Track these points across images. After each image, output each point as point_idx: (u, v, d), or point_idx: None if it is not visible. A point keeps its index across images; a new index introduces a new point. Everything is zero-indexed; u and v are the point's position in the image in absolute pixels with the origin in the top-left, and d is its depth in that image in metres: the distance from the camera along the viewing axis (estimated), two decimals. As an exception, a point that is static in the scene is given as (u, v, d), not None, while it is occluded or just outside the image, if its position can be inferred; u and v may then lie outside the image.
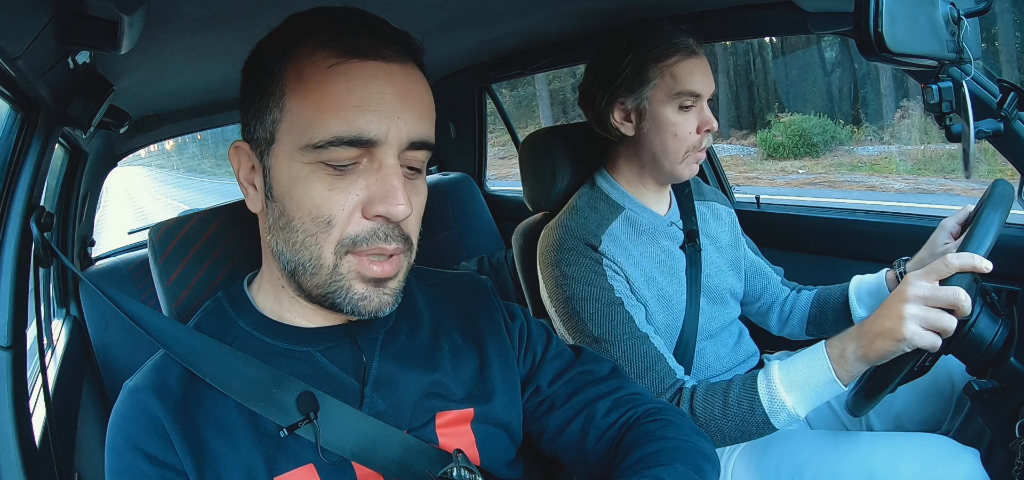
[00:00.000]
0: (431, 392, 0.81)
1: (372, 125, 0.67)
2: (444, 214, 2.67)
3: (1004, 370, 1.00)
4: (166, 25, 1.05)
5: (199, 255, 0.93)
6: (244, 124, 0.75)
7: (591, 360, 0.92)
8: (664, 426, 0.81)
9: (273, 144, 0.71)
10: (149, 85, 1.56)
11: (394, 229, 0.71)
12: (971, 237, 0.98)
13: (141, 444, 0.70)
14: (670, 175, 1.29)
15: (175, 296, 0.92)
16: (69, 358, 1.76)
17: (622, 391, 0.88)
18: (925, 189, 8.72)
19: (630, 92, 1.25)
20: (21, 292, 0.94)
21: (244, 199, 0.78)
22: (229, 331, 0.79)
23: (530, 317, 0.95)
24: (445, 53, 2.17)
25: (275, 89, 0.70)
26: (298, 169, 0.69)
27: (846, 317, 1.36)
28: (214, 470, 0.70)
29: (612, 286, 1.20)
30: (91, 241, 2.43)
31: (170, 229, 0.94)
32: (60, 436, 1.12)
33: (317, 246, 0.70)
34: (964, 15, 0.93)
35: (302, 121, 0.68)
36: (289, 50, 0.70)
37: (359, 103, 0.67)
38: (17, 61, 0.80)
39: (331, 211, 0.69)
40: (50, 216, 0.97)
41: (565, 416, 0.87)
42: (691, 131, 1.24)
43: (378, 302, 0.73)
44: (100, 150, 2.23)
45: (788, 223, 1.89)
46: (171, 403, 0.72)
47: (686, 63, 1.23)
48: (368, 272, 0.71)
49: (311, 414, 0.72)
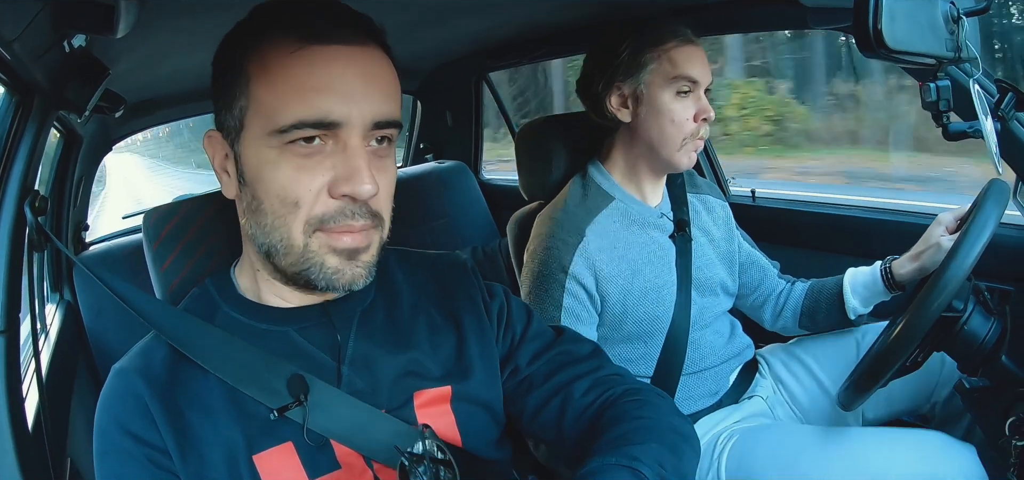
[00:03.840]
0: (408, 371, 0.83)
1: (335, 107, 0.69)
2: (439, 202, 2.66)
3: (995, 369, 1.01)
4: (163, 9, 1.04)
5: (194, 241, 0.93)
6: (216, 114, 0.78)
7: (571, 340, 0.93)
8: (641, 406, 0.81)
9: (242, 131, 0.74)
10: (145, 70, 1.55)
11: (361, 207, 0.73)
12: (966, 234, 0.99)
13: (126, 424, 0.73)
14: (667, 164, 1.29)
15: (169, 282, 0.92)
16: (62, 343, 1.76)
17: (601, 371, 0.88)
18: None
19: (627, 76, 1.25)
20: (15, 277, 0.93)
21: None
22: (214, 315, 0.81)
23: (511, 296, 0.95)
24: (442, 41, 2.16)
25: (240, 78, 0.72)
26: (266, 153, 0.72)
27: (840, 309, 1.37)
28: (195, 448, 0.73)
29: (562, 303, 1.24)
30: (85, 226, 2.42)
31: (164, 214, 0.94)
32: (53, 421, 1.11)
33: (286, 227, 0.73)
34: (963, 14, 0.93)
35: (267, 107, 0.71)
36: (253, 41, 0.72)
37: (321, 86, 0.69)
38: (12, 44, 0.79)
39: (298, 193, 0.71)
40: (45, 200, 0.96)
41: (543, 396, 0.87)
42: (688, 118, 1.24)
43: (351, 275, 0.75)
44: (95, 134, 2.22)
45: (783, 217, 1.90)
46: (156, 385, 0.75)
47: (684, 49, 1.23)
48: (338, 244, 0.73)
49: (301, 396, 0.75)
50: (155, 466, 0.73)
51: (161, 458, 0.73)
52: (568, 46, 2.09)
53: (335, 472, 0.77)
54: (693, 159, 1.29)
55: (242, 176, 0.76)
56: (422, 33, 1.92)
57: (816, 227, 1.81)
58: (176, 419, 0.74)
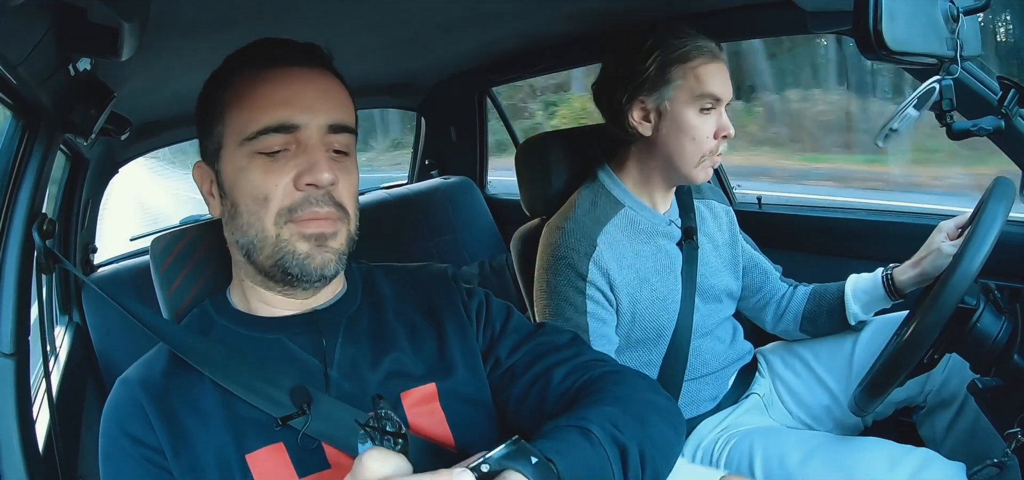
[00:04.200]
0: (392, 372, 0.87)
1: (295, 114, 0.80)
2: (445, 217, 2.67)
3: (1008, 368, 1.00)
4: (166, 31, 1.05)
5: (199, 265, 0.97)
6: (201, 147, 0.89)
7: (551, 331, 0.95)
8: (616, 384, 0.83)
9: (221, 150, 0.84)
10: (150, 91, 1.57)
11: (325, 195, 0.82)
12: (973, 234, 0.98)
13: (125, 427, 0.79)
14: (684, 178, 1.30)
15: (176, 305, 0.95)
16: (72, 364, 1.76)
17: (581, 357, 0.90)
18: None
19: (652, 91, 1.25)
20: (24, 300, 0.94)
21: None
22: (211, 329, 0.88)
23: (490, 296, 0.99)
24: (444, 56, 2.17)
25: (218, 109, 0.84)
26: (240, 161, 0.82)
27: (841, 314, 1.37)
28: (189, 448, 0.79)
29: (586, 309, 1.23)
30: (93, 248, 2.43)
31: (170, 240, 0.97)
32: (63, 442, 1.12)
33: (260, 222, 0.81)
34: (963, 12, 0.93)
35: (239, 123, 0.82)
36: (226, 77, 0.84)
37: (281, 99, 0.80)
38: (18, 68, 0.80)
39: (267, 189, 0.80)
40: (53, 223, 0.97)
41: (524, 385, 0.89)
42: (709, 135, 1.25)
43: (321, 259, 0.83)
44: (101, 157, 2.23)
45: (790, 223, 1.89)
46: (154, 391, 0.81)
47: (710, 66, 1.23)
48: (306, 230, 0.81)
49: (304, 406, 0.79)
50: (151, 465, 0.78)
51: (157, 457, 0.78)
52: (570, 59, 2.09)
53: (325, 471, 0.81)
54: (709, 174, 1.30)
55: (222, 189, 0.85)
56: (423, 49, 1.93)
57: (821, 232, 1.81)
58: (171, 422, 0.79)
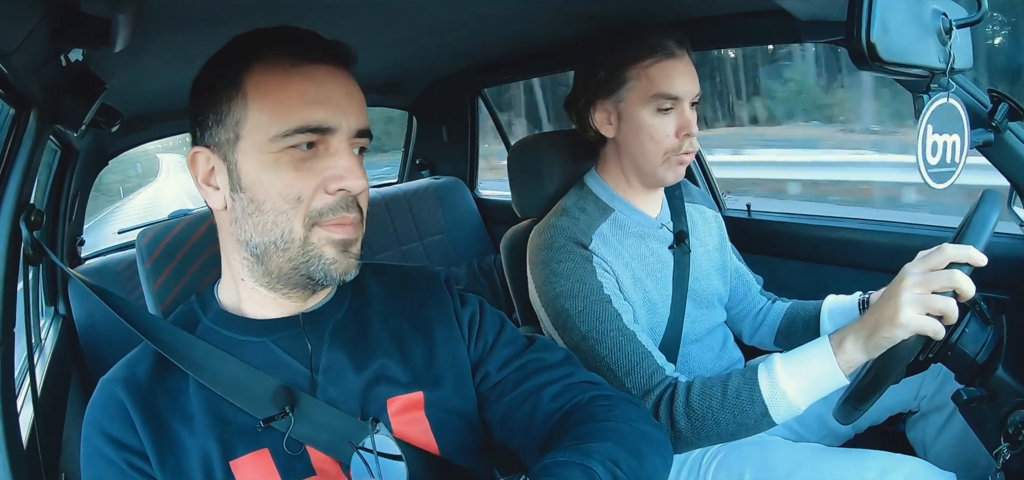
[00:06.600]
0: (378, 378, 0.86)
1: (329, 116, 0.78)
2: (435, 218, 2.67)
3: (992, 379, 1.01)
4: (160, 24, 1.04)
5: (186, 259, 0.96)
6: (200, 131, 0.83)
7: (543, 348, 0.94)
8: (609, 410, 0.83)
9: (239, 141, 0.79)
10: (141, 84, 1.56)
11: (353, 201, 0.81)
12: (966, 232, 0.98)
13: (108, 430, 0.78)
14: (652, 178, 1.29)
15: (162, 299, 0.95)
16: (57, 357, 1.75)
17: (572, 378, 0.89)
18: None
19: (608, 94, 1.26)
20: (10, 291, 0.93)
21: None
22: (195, 327, 0.86)
23: (484, 305, 0.98)
24: (436, 57, 2.17)
25: (236, 94, 0.78)
26: (267, 158, 0.78)
27: (815, 333, 1.35)
28: (174, 453, 0.78)
29: (601, 283, 1.20)
30: (81, 240, 2.42)
31: (158, 233, 0.96)
32: (47, 434, 1.11)
33: (288, 222, 0.78)
34: (956, 25, 0.94)
35: (268, 115, 0.77)
36: (245, 62, 0.79)
37: (317, 98, 0.77)
38: (9, 57, 0.80)
39: (300, 189, 0.78)
40: (41, 214, 0.96)
41: (513, 402, 0.89)
42: (669, 134, 1.24)
43: (345, 265, 0.81)
44: (91, 149, 2.22)
45: (779, 231, 1.90)
46: (138, 393, 0.79)
47: (663, 64, 1.22)
48: (335, 236, 0.80)
49: (287, 408, 0.79)
50: (133, 470, 0.77)
51: (139, 462, 0.77)
52: (562, 62, 2.09)
53: (310, 478, 0.81)
54: (679, 174, 1.28)
55: (237, 183, 0.80)
56: (415, 49, 1.93)
57: (811, 241, 1.82)
58: (156, 426, 0.78)
